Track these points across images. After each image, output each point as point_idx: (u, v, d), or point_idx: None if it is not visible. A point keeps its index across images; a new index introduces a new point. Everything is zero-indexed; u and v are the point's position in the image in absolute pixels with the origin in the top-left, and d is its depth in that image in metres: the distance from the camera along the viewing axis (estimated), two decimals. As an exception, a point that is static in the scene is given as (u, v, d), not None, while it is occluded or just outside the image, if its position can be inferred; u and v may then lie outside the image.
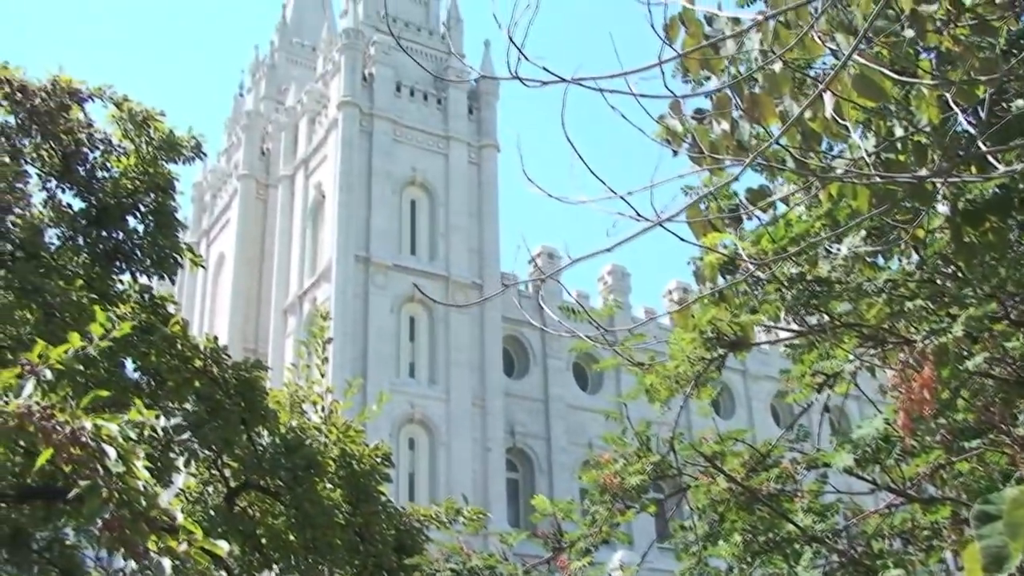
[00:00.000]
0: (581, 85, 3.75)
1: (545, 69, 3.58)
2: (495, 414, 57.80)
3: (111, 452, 5.19)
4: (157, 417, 6.89)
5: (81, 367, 6.91)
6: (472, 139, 64.17)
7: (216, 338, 10.62)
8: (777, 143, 5.66)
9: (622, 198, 3.70)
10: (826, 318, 6.25)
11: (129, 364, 11.12)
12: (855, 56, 5.33)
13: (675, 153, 5.69)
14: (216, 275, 69.48)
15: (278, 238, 64.84)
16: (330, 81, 64.59)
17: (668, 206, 4.01)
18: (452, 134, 63.38)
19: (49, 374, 5.46)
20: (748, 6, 9.66)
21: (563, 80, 4.05)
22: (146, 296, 11.16)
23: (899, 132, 5.87)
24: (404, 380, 55.98)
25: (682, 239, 4.04)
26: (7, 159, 11.62)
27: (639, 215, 3.92)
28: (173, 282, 11.81)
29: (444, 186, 61.98)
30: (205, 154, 12.19)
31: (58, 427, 5.39)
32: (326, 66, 66.11)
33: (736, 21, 5.74)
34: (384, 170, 60.43)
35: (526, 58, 3.51)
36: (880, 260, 6.50)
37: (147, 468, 5.53)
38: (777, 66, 5.35)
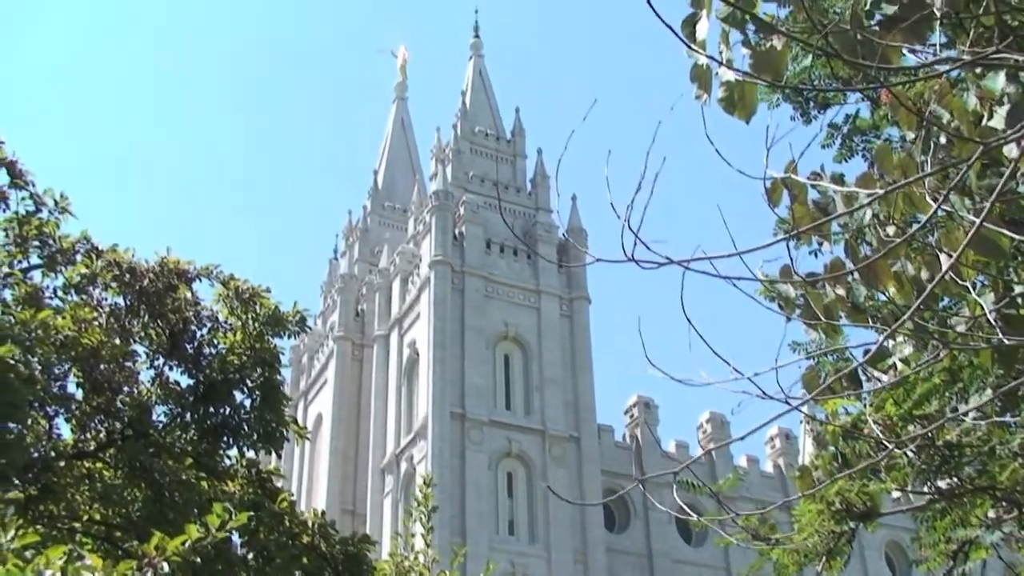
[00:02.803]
0: (696, 271, 3.70)
1: (668, 258, 3.54)
2: (598, 570, 56.43)
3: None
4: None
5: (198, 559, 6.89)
6: (563, 292, 64.55)
7: (323, 513, 10.58)
8: (895, 304, 5.55)
9: (749, 379, 3.61)
10: (956, 482, 5.98)
11: (235, 537, 11.10)
12: (969, 215, 5.23)
13: (788, 319, 5.58)
14: (314, 435, 69.95)
15: (374, 397, 65.34)
16: (421, 241, 65.92)
17: (791, 383, 3.89)
18: (543, 288, 63.86)
19: (166, 567, 5.43)
20: (847, 160, 9.65)
21: (675, 263, 4.01)
22: (253, 471, 11.22)
23: (1019, 287, 5.70)
24: (504, 538, 55.16)
25: (810, 417, 3.90)
26: (117, 340, 11.92)
27: (765, 394, 3.81)
28: (279, 455, 11.86)
29: (537, 340, 62.13)
30: (310, 328, 12.40)
31: (174, 620, 5.33)
32: (417, 227, 67.58)
33: (841, 180, 5.69)
34: (477, 326, 60.91)
35: (645, 245, 3.48)
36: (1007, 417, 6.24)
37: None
38: (891, 229, 5.27)
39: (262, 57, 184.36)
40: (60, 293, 12.33)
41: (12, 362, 9.80)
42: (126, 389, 11.95)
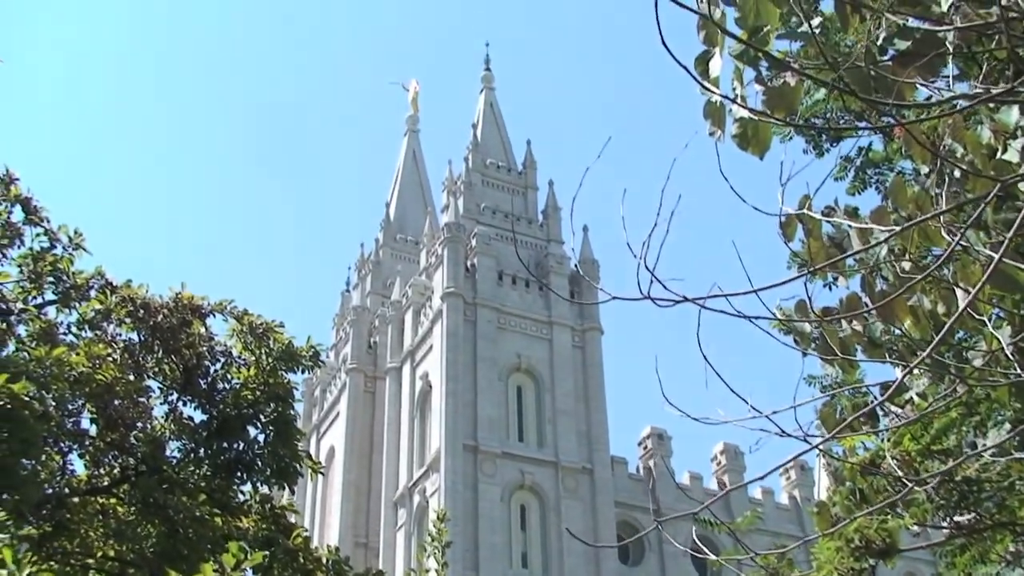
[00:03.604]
0: (711, 309, 3.69)
1: (684, 296, 3.53)
2: (612, 604, 56.02)
3: None
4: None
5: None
6: (575, 323, 64.45)
7: (337, 549, 10.53)
8: (910, 339, 5.52)
9: (768, 417, 3.59)
10: (976, 517, 5.93)
11: (250, 574, 11.05)
12: (985, 249, 5.21)
13: (804, 354, 5.56)
14: (327, 468, 69.68)
15: (387, 429, 65.20)
16: (433, 273, 65.99)
17: (808, 420, 3.87)
18: (555, 319, 63.77)
19: (181, 606, 5.41)
20: (860, 193, 9.64)
21: (691, 301, 4.00)
22: (267, 506, 11.19)
23: (1035, 321, 5.66)
24: (517, 571, 54.85)
25: (827, 453, 3.88)
26: (131, 376, 11.93)
27: (783, 431, 3.79)
28: (292, 490, 11.83)
29: (549, 371, 61.99)
30: (323, 362, 12.40)
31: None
32: (429, 259, 67.69)
33: (855, 214, 5.68)
34: (489, 357, 60.81)
35: (660, 283, 3.48)
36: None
37: None
38: (906, 264, 5.26)
39: (274, 89, 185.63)
40: (74, 329, 12.38)
41: (26, 399, 9.82)
42: (140, 425, 11.96)
